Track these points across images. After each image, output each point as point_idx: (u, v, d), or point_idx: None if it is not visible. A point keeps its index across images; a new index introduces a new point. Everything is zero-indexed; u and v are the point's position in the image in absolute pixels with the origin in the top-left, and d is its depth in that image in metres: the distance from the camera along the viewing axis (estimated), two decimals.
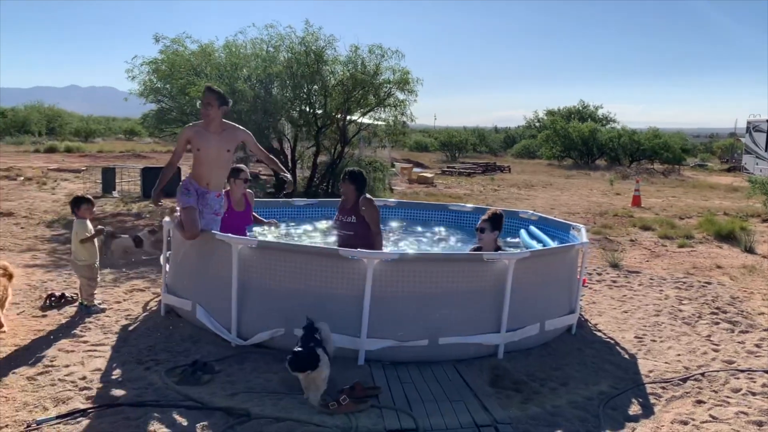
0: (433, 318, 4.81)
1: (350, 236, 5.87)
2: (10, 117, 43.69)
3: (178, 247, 5.79)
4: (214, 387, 4.25)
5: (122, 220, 11.44)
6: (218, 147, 5.35)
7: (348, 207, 5.99)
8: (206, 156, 5.34)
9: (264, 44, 13.92)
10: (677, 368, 5.06)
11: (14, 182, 16.30)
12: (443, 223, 8.47)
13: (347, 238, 5.89)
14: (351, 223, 5.92)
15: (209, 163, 5.38)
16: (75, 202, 5.97)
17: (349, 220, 5.93)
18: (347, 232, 5.93)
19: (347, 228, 5.94)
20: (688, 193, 22.52)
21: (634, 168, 36.07)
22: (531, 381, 4.61)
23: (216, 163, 5.42)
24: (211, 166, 5.39)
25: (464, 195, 18.50)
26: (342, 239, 5.97)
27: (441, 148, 46.70)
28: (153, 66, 13.09)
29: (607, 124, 51.46)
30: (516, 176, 28.40)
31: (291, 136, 15.12)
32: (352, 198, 5.96)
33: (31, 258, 7.93)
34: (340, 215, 6.05)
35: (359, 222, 5.89)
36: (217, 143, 5.35)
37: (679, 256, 9.85)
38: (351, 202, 5.98)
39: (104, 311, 5.82)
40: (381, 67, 13.95)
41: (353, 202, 5.97)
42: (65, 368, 4.47)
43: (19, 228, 9.99)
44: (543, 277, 5.32)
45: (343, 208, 6.04)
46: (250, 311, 5.00)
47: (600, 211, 15.45)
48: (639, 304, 6.97)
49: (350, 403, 3.97)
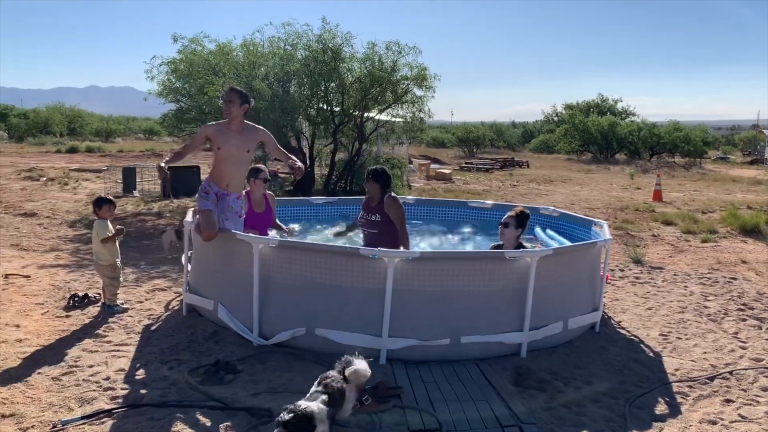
0: (454, 317, 4.77)
1: (374, 234, 5.88)
2: (32, 118, 44.33)
3: (200, 246, 5.80)
4: (237, 387, 4.25)
5: (143, 219, 11.52)
6: (238, 146, 5.34)
7: (373, 205, 5.99)
8: (226, 155, 5.33)
9: (281, 42, 13.95)
10: (704, 366, 4.97)
11: (37, 183, 16.50)
12: (463, 221, 8.42)
13: (372, 236, 5.90)
14: (376, 221, 5.91)
15: (229, 162, 5.36)
16: (97, 202, 6.02)
17: (374, 218, 5.93)
18: (371, 231, 5.93)
19: (372, 226, 5.94)
20: (710, 186, 22.22)
21: (655, 162, 35.69)
22: (555, 380, 4.56)
23: (236, 163, 5.40)
24: (230, 166, 5.37)
25: (483, 191, 18.40)
26: (367, 237, 5.98)
27: (458, 144, 46.56)
28: (171, 66, 13.16)
29: (627, 118, 50.96)
30: (535, 171, 28.21)
31: (309, 134, 15.14)
32: (377, 196, 5.96)
33: (54, 258, 8.01)
34: (364, 213, 6.05)
35: (384, 220, 5.89)
36: (237, 142, 5.33)
37: (703, 252, 9.70)
38: (376, 200, 5.98)
39: (127, 311, 5.86)
40: (398, 64, 13.92)
41: (378, 200, 5.97)
42: (89, 368, 4.50)
43: (42, 228, 10.11)
44: (566, 274, 5.25)
45: (368, 206, 6.04)
46: (271, 311, 4.99)
47: (621, 206, 15.29)
48: (663, 300, 6.87)
49: (373, 403, 3.94)
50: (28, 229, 10.01)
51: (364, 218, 6.02)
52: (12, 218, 10.87)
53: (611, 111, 52.88)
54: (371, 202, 6.01)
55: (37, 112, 46.06)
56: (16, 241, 8.98)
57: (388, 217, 5.89)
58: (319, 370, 4.51)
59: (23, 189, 15.00)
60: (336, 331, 4.78)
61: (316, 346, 4.84)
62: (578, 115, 44.50)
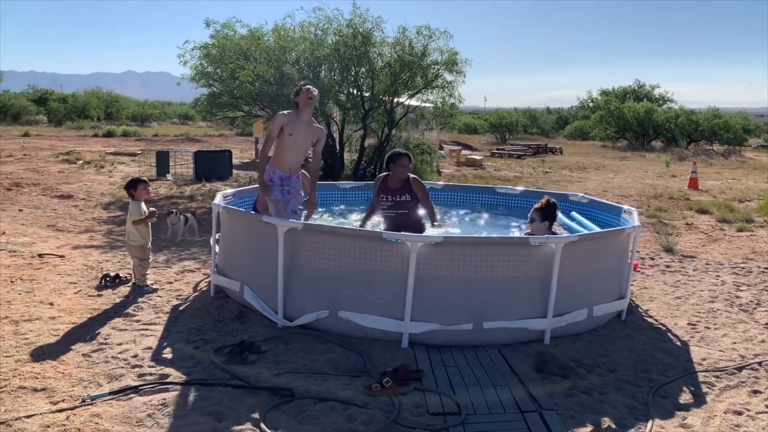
0: (477, 302, 4.77)
1: (405, 215, 6.03)
2: (70, 102, 45.17)
3: (227, 228, 5.89)
4: (260, 367, 4.32)
5: (175, 202, 11.71)
6: (306, 136, 5.71)
7: (397, 187, 6.09)
8: (295, 142, 5.66)
9: (312, 27, 13.95)
10: (732, 356, 4.88)
11: (74, 166, 16.87)
12: (491, 207, 8.37)
13: (402, 216, 6.02)
14: (406, 201, 6.06)
15: (296, 148, 5.70)
16: (131, 184, 6.13)
17: (404, 198, 6.06)
18: (401, 211, 6.05)
19: (402, 207, 6.06)
20: (749, 175, 21.65)
21: (692, 149, 34.89)
22: (578, 367, 4.53)
23: (301, 150, 5.76)
24: (296, 152, 5.72)
25: (514, 177, 18.24)
26: (396, 219, 6.05)
27: (491, 130, 46.08)
28: (204, 50, 13.26)
29: (664, 104, 49.83)
30: (568, 158, 27.83)
31: (339, 120, 15.16)
32: (403, 177, 6.06)
33: (88, 239, 8.21)
34: (388, 196, 6.08)
35: (413, 200, 6.08)
36: (305, 132, 5.69)
37: (738, 241, 9.49)
38: (399, 181, 6.09)
39: (156, 291, 5.98)
40: (429, 49, 13.81)
41: (402, 181, 6.09)
42: (118, 346, 4.62)
43: (77, 210, 10.35)
44: (592, 261, 5.19)
45: (389, 189, 6.08)
46: (296, 293, 5.05)
47: (654, 193, 15.02)
48: (693, 290, 6.75)
49: (393, 385, 3.97)
50: (64, 210, 10.26)
51: (391, 200, 6.07)
52: (49, 200, 11.16)
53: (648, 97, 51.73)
54: (392, 185, 6.07)
55: (75, 97, 46.91)
56: (52, 222, 9.22)
57: (416, 196, 6.05)
58: (341, 352, 4.57)
59: (61, 172, 15.35)
60: (359, 314, 4.82)
61: (339, 328, 4.89)
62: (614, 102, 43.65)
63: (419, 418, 3.70)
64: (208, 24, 13.67)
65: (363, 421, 3.61)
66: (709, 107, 41.29)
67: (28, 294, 5.72)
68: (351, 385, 4.08)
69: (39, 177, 14.04)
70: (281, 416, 3.65)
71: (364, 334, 4.83)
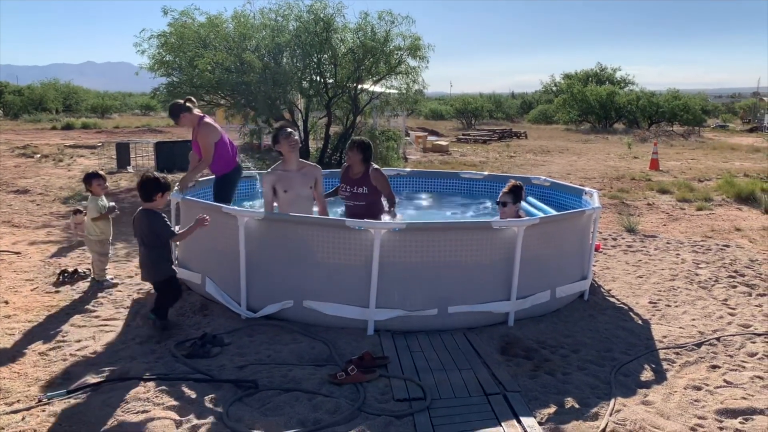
0: (442, 287, 4.77)
1: (362, 206, 5.84)
2: (27, 95, 43.94)
3: (187, 220, 5.77)
4: (224, 359, 4.26)
5: (136, 195, 11.46)
6: (302, 184, 5.43)
7: (357, 177, 5.93)
8: (295, 197, 5.38)
9: (272, 14, 13.78)
10: (692, 333, 4.98)
11: (31, 160, 16.43)
12: (456, 192, 8.38)
13: (359, 208, 5.85)
14: (362, 194, 5.87)
15: (298, 202, 5.39)
16: (86, 178, 5.98)
17: (360, 191, 5.89)
18: (358, 203, 5.89)
19: (358, 198, 5.89)
20: (708, 155, 22.13)
21: (653, 131, 35.51)
22: (542, 348, 4.57)
23: (303, 201, 5.43)
24: (299, 206, 5.37)
25: (480, 162, 18.32)
26: (352, 209, 5.92)
27: (457, 116, 46.25)
28: (162, 39, 12.98)
29: (626, 87, 50.58)
30: (532, 142, 28.08)
31: (302, 107, 15.02)
32: (360, 168, 5.90)
33: (46, 234, 8.00)
34: (347, 186, 5.98)
35: (370, 192, 5.86)
36: (300, 181, 5.42)
37: (698, 219, 9.69)
38: (359, 172, 5.92)
39: (116, 286, 5.86)
40: (391, 34, 13.76)
41: (362, 172, 5.91)
42: (77, 343, 4.51)
43: (35, 205, 10.08)
44: (553, 243, 5.23)
45: (349, 179, 5.96)
46: (258, 284, 4.99)
47: (617, 175, 15.24)
48: (654, 268, 6.86)
49: (359, 373, 3.95)
50: (21, 206, 9.98)
51: (348, 191, 5.95)
52: (5, 195, 10.83)
53: (610, 80, 52.45)
54: (352, 174, 5.93)
55: (31, 89, 45.60)
56: (8, 218, 8.95)
57: (375, 189, 5.87)
58: (306, 342, 4.53)
59: (17, 166, 14.93)
60: (324, 302, 4.79)
61: (304, 318, 4.85)
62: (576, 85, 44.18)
63: (385, 404, 3.69)
64: (166, 12, 13.38)
65: (328, 410, 3.59)
66: (669, 89, 42.04)
67: None
68: (316, 374, 4.04)
69: None
70: (245, 408, 3.60)
71: (329, 323, 4.80)
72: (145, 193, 4.70)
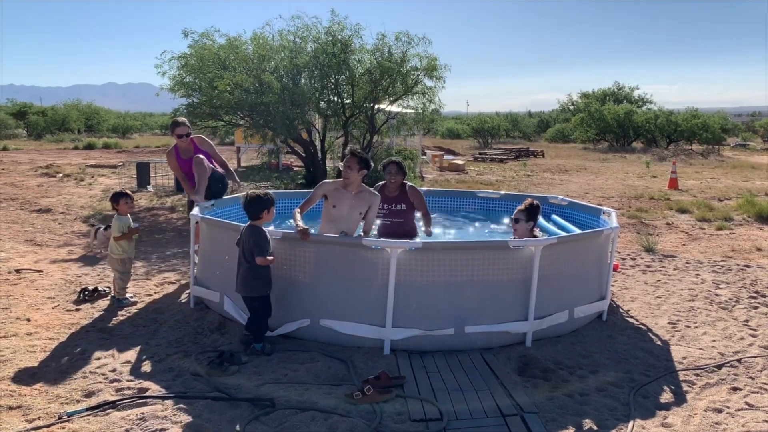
0: (459, 306, 4.77)
1: (401, 224, 6.15)
2: (50, 115, 44.73)
3: (206, 239, 5.84)
4: (241, 378, 4.28)
5: (156, 213, 11.61)
6: (352, 207, 5.43)
7: (394, 195, 6.22)
8: (339, 214, 5.41)
9: (291, 35, 13.93)
10: (712, 354, 4.92)
11: (53, 179, 16.69)
12: (472, 211, 8.38)
13: (397, 225, 6.13)
14: (401, 210, 6.18)
15: (340, 220, 5.40)
16: (114, 198, 6.07)
17: (399, 207, 6.18)
18: (396, 220, 6.16)
19: (397, 216, 6.17)
20: (727, 174, 21.91)
21: (672, 150, 35.26)
22: (559, 369, 4.54)
23: (346, 221, 5.43)
24: (340, 224, 5.39)
25: (496, 181, 18.30)
26: (391, 227, 6.15)
27: (473, 135, 46.29)
28: (182, 60, 13.19)
29: (643, 106, 50.40)
30: (550, 161, 28.00)
31: (320, 127, 15.15)
32: (398, 187, 6.19)
33: (67, 253, 8.10)
34: (384, 204, 6.17)
35: (408, 208, 6.19)
36: (350, 203, 5.43)
37: (717, 239, 9.58)
38: (395, 190, 6.23)
39: (135, 304, 5.92)
40: (408, 55, 13.86)
41: (398, 190, 6.22)
42: (96, 361, 4.56)
43: (56, 224, 10.22)
44: (571, 263, 5.21)
45: (386, 197, 6.21)
46: (276, 302, 5.00)
47: (635, 194, 15.14)
48: (674, 289, 6.80)
49: (375, 392, 3.95)
50: (43, 224, 10.13)
51: (387, 209, 6.20)
52: (28, 214, 11.01)
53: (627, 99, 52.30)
54: (389, 192, 6.21)
55: (54, 110, 46.46)
56: (30, 236, 9.09)
57: (412, 205, 6.19)
58: (323, 361, 4.54)
59: (40, 185, 15.17)
60: (340, 321, 4.80)
61: (321, 336, 4.87)
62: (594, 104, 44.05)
63: (401, 425, 3.68)
64: (186, 34, 13.61)
65: (344, 429, 3.59)
66: (688, 108, 41.78)
67: (4, 310, 5.62)
68: (332, 393, 4.05)
69: (17, 191, 13.87)
70: (262, 427, 3.62)
71: (346, 342, 4.81)
72: (253, 211, 4.77)
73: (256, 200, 4.76)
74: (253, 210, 4.77)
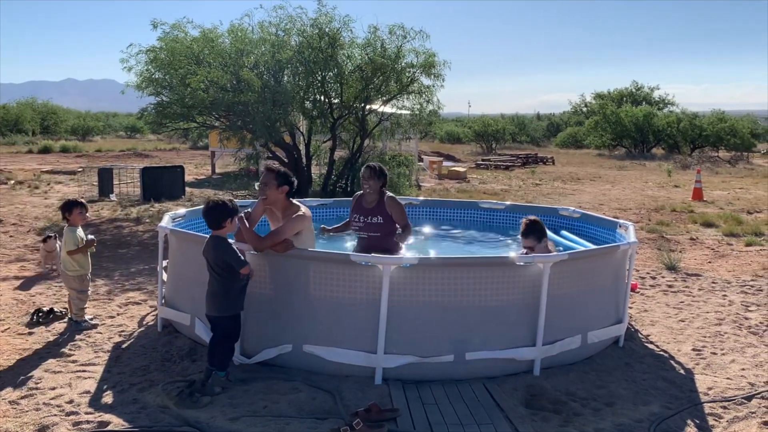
0: (459, 330, 4.77)
1: (378, 237, 5.99)
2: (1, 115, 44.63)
3: (176, 256, 5.83)
4: (215, 410, 4.26)
5: (119, 225, 11.59)
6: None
7: (370, 207, 6.08)
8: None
9: (273, 28, 14.01)
10: (741, 385, 4.94)
11: (4, 186, 16.65)
12: (474, 223, 8.42)
13: (375, 239, 6.00)
14: (378, 224, 6.04)
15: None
16: (66, 206, 6.04)
17: (375, 220, 6.04)
18: (373, 234, 6.04)
19: (374, 229, 6.04)
20: (758, 184, 22.10)
21: (696, 156, 35.55)
22: (571, 401, 4.54)
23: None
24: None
25: (501, 191, 18.39)
26: (368, 242, 6.06)
27: (476, 139, 46.55)
28: (151, 55, 13.22)
29: (665, 108, 50.84)
30: (560, 168, 28.17)
31: (305, 129, 15.18)
32: (375, 196, 6.07)
33: (19, 269, 8.08)
34: (360, 216, 6.09)
35: (386, 222, 6.03)
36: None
37: (747, 256, 9.65)
38: (373, 201, 6.08)
39: (96, 327, 5.89)
40: (403, 50, 13.96)
41: (376, 200, 6.07)
42: (51, 391, 4.53)
43: (7, 237, 10.19)
44: (584, 282, 5.24)
45: (363, 209, 6.08)
46: (254, 326, 5.00)
47: (656, 206, 15.25)
48: (698, 311, 6.84)
49: (365, 427, 3.94)
50: None
51: (362, 221, 6.06)
52: None
53: (647, 100, 52.77)
54: (366, 204, 6.06)
55: (6, 109, 46.34)
56: None
57: (390, 218, 6.02)
58: (306, 391, 4.53)
59: None
60: (326, 347, 4.79)
61: (304, 364, 4.86)
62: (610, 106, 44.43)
63: None
64: (156, 25, 13.66)
65: None
66: (713, 110, 42.14)
67: None
68: (317, 428, 4.04)
69: None
70: None
71: (332, 370, 4.80)
72: (213, 220, 4.66)
73: (218, 207, 4.66)
74: (213, 218, 4.66)
